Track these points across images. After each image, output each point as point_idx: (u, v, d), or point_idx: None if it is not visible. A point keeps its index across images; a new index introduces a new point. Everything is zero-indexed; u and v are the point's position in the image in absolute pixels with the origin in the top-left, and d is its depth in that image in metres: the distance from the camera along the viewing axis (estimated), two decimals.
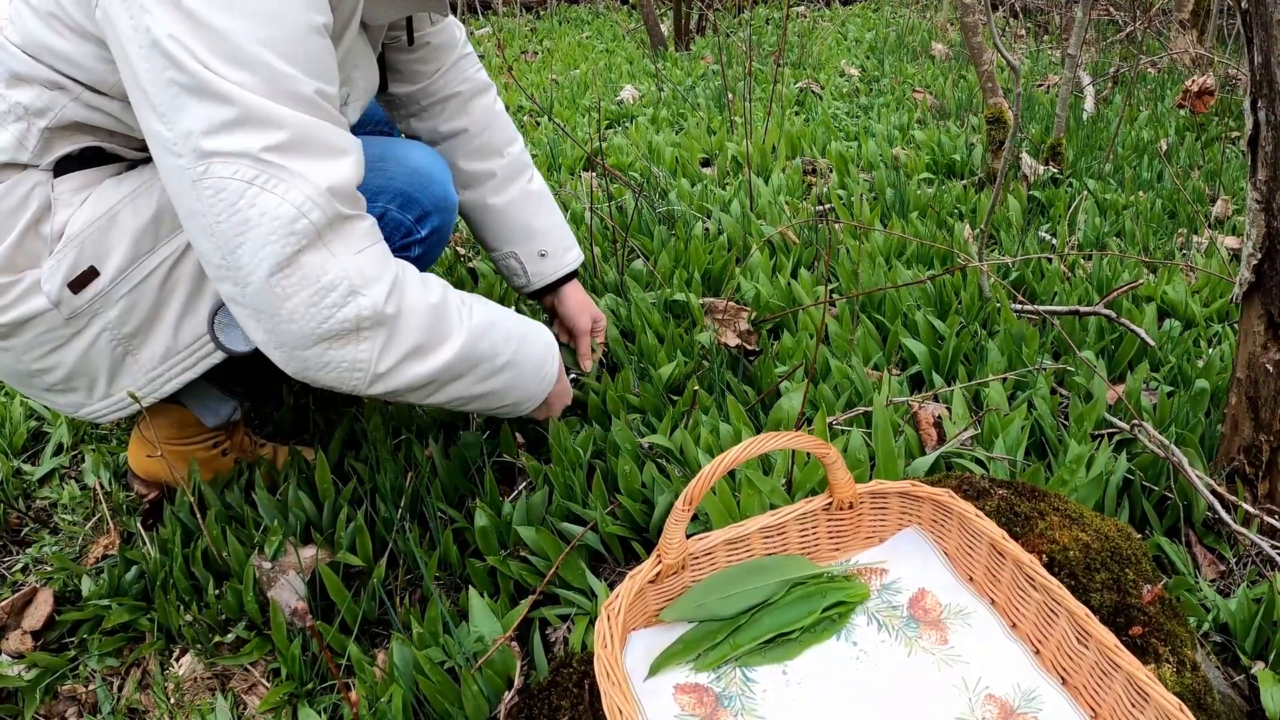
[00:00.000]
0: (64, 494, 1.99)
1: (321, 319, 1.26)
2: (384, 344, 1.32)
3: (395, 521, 1.72)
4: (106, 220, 1.44)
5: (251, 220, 1.20)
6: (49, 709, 1.55)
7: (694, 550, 1.23)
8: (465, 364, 1.44)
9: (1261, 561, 1.60)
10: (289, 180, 1.21)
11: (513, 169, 2.01)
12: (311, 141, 1.24)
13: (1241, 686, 1.41)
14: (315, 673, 1.52)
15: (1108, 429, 1.89)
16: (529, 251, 2.02)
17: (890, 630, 1.23)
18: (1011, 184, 3.35)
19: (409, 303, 1.34)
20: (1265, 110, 1.48)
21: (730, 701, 1.13)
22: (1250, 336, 1.62)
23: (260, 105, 1.20)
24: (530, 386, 1.62)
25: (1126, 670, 1.05)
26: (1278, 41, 1.44)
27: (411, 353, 1.36)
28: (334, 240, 1.26)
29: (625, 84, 5.33)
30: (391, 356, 1.34)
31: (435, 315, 1.38)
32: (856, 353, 2.15)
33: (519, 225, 2.01)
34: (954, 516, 1.29)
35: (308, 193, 1.22)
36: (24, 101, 1.39)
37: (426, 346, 1.37)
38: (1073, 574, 1.36)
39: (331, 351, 1.30)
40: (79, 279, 1.44)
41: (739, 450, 1.09)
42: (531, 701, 1.26)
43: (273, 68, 1.21)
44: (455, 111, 1.98)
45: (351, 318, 1.28)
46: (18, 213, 1.42)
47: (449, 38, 1.96)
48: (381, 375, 1.34)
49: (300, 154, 1.23)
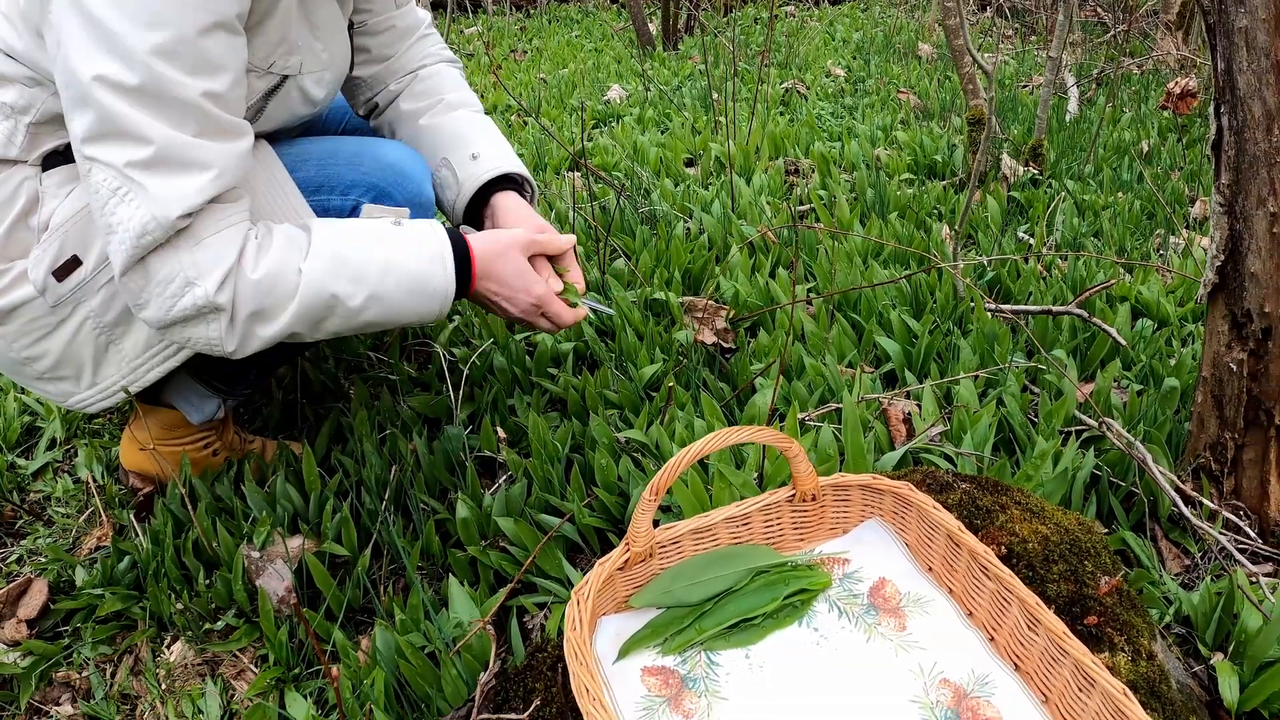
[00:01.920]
0: (57, 487, 2.03)
1: (167, 308, 1.39)
2: (226, 324, 1.42)
3: (379, 513, 1.76)
4: (88, 211, 1.50)
5: (113, 225, 1.33)
6: (44, 695, 1.60)
7: (661, 539, 1.28)
8: (315, 314, 1.48)
9: (1225, 557, 1.62)
10: (142, 198, 1.31)
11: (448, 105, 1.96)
12: (170, 159, 1.32)
13: (1201, 677, 1.44)
14: (301, 658, 1.57)
15: (1077, 426, 1.93)
16: (461, 158, 1.86)
17: (850, 617, 1.27)
18: (992, 185, 3.39)
19: (241, 285, 1.41)
20: (1228, 115, 1.53)
21: (695, 683, 1.17)
22: (1215, 336, 1.65)
23: (130, 119, 1.28)
24: (413, 306, 1.55)
25: (1074, 656, 1.09)
26: (1239, 49, 1.49)
27: (253, 319, 1.44)
28: (179, 240, 1.37)
29: (613, 83, 5.36)
30: (237, 331, 1.44)
31: (265, 286, 1.43)
32: (831, 351, 2.19)
33: (455, 135, 1.90)
34: (913, 508, 1.34)
35: (155, 212, 1.31)
36: (8, 100, 1.48)
37: (266, 312, 1.44)
38: (1030, 565, 1.39)
39: (187, 330, 1.43)
40: (63, 267, 1.51)
41: (703, 444, 1.14)
42: (508, 684, 1.30)
43: (153, 70, 1.28)
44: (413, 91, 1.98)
45: (190, 306, 1.39)
46: (7, 206, 1.50)
47: (413, 20, 1.99)
48: (236, 348, 1.46)
49: (158, 171, 1.32)
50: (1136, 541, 1.67)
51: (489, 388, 2.10)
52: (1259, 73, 1.47)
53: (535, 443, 1.84)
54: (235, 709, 1.54)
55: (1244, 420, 1.65)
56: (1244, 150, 1.51)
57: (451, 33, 7.50)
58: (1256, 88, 1.48)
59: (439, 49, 2.04)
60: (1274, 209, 1.50)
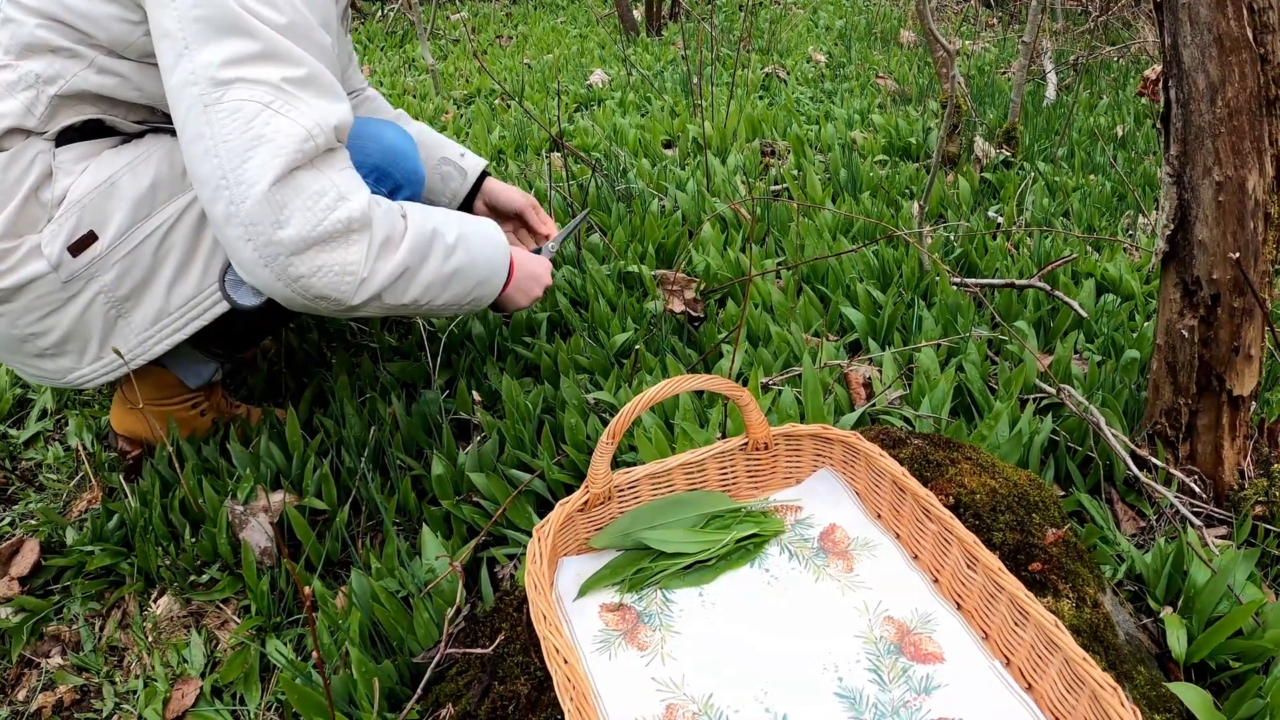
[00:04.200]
0: (48, 455, 2.08)
1: (317, 221, 1.40)
2: (366, 247, 1.46)
3: (359, 470, 1.82)
4: (107, 187, 1.54)
5: (265, 136, 1.36)
6: (34, 648, 1.65)
7: (620, 483, 1.35)
8: (423, 243, 1.56)
9: (1179, 520, 1.66)
10: (302, 108, 1.40)
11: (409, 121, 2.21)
12: (321, 81, 1.44)
13: (1152, 630, 1.49)
14: (281, 608, 1.63)
15: (1036, 394, 1.99)
16: (453, 154, 2.17)
17: (800, 559, 1.34)
18: (964, 166, 3.45)
19: (374, 210, 1.49)
20: (1175, 89, 1.58)
21: (650, 619, 1.24)
22: (1168, 304, 1.70)
23: (284, 43, 1.40)
24: (488, 258, 1.71)
25: (1009, 591, 1.15)
26: (1184, 24, 1.54)
27: (384, 247, 1.50)
28: (322, 162, 1.43)
29: (596, 68, 5.40)
30: (370, 260, 1.47)
31: (391, 217, 1.53)
32: (798, 320, 2.25)
33: (433, 143, 2.17)
34: (861, 456, 1.40)
35: (317, 119, 1.41)
36: (36, 70, 1.51)
37: (391, 241, 1.51)
38: (978, 514, 1.45)
39: (324, 255, 1.43)
40: (78, 243, 1.53)
41: (657, 389, 1.20)
42: (476, 625, 1.37)
43: (299, 11, 1.42)
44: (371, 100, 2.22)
45: (344, 219, 1.42)
46: (21, 180, 1.52)
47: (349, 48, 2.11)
48: (360, 286, 1.48)
49: (313, 90, 1.43)
50: (1092, 503, 1.71)
51: (466, 354, 2.16)
52: (1202, 46, 1.52)
53: (508, 404, 1.90)
54: (218, 657, 1.60)
55: (1196, 386, 1.70)
56: (1190, 122, 1.56)
57: (437, 18, 7.52)
58: (1200, 61, 1.53)
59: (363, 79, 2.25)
60: (1219, 178, 1.55)
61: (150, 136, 1.62)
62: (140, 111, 1.62)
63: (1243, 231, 1.57)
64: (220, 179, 1.37)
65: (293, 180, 1.38)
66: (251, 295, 1.60)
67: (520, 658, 1.26)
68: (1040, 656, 1.12)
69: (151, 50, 1.45)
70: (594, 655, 1.19)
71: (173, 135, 1.62)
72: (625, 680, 1.15)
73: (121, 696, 1.56)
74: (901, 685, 1.15)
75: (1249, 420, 1.74)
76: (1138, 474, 1.70)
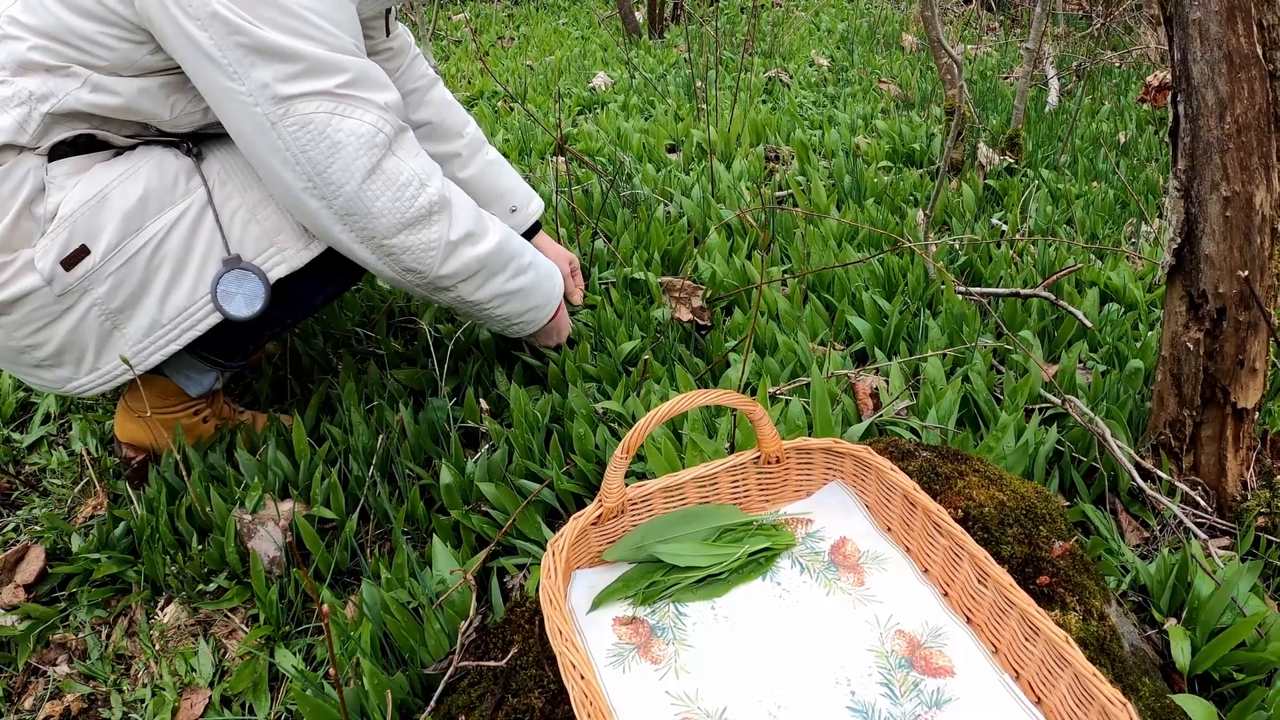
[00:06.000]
0: (52, 460, 2.08)
1: (404, 209, 1.60)
2: (449, 223, 1.67)
3: (366, 479, 1.82)
4: (97, 201, 1.54)
5: (340, 143, 1.50)
6: (41, 657, 1.65)
7: (633, 496, 1.35)
8: (504, 255, 1.79)
9: (1183, 531, 1.66)
10: (363, 106, 1.53)
11: (473, 146, 2.23)
12: (368, 77, 1.56)
13: (1155, 641, 1.49)
14: (291, 617, 1.63)
15: (1041, 404, 1.99)
16: (502, 210, 2.25)
17: (812, 573, 1.34)
18: (968, 173, 3.45)
19: (456, 194, 1.70)
20: (1184, 103, 1.58)
21: (663, 632, 1.24)
22: (1173, 316, 1.70)
23: (323, 55, 1.48)
24: (547, 289, 1.94)
25: (1020, 607, 1.15)
26: (1193, 40, 1.54)
27: (466, 237, 1.70)
28: (399, 149, 1.60)
29: (598, 71, 5.39)
30: (455, 232, 1.68)
31: (475, 209, 1.75)
32: (804, 329, 2.25)
33: (488, 189, 2.24)
34: (872, 470, 1.40)
35: (379, 112, 1.55)
36: (30, 87, 1.51)
37: (476, 234, 1.72)
38: (986, 527, 1.45)
39: (411, 236, 1.63)
40: (71, 257, 1.54)
41: (671, 405, 1.21)
42: (488, 637, 1.37)
43: (323, 28, 1.49)
44: (416, 104, 2.17)
45: (425, 204, 1.62)
46: (14, 195, 1.53)
47: (405, 41, 2.16)
48: (449, 255, 1.68)
49: (364, 87, 1.55)
50: (1096, 514, 1.72)
51: (473, 362, 2.16)
52: (1212, 62, 1.53)
53: (516, 413, 1.90)
54: (227, 666, 1.60)
55: (1201, 398, 1.70)
56: (1198, 137, 1.56)
57: (440, 19, 7.52)
58: (1210, 77, 1.53)
59: (425, 68, 2.24)
60: (1227, 193, 1.55)
61: (141, 149, 1.64)
62: (133, 126, 1.64)
63: (1249, 246, 1.57)
64: (306, 184, 1.53)
65: (380, 172, 1.56)
66: (243, 306, 1.64)
67: (534, 670, 1.26)
68: (1050, 671, 1.12)
69: (151, 66, 1.54)
70: (608, 669, 1.19)
71: (163, 147, 1.65)
72: (640, 694, 1.15)
73: (129, 705, 1.56)
74: (913, 699, 1.15)
75: (1252, 432, 1.74)
76: (1142, 485, 1.69)
